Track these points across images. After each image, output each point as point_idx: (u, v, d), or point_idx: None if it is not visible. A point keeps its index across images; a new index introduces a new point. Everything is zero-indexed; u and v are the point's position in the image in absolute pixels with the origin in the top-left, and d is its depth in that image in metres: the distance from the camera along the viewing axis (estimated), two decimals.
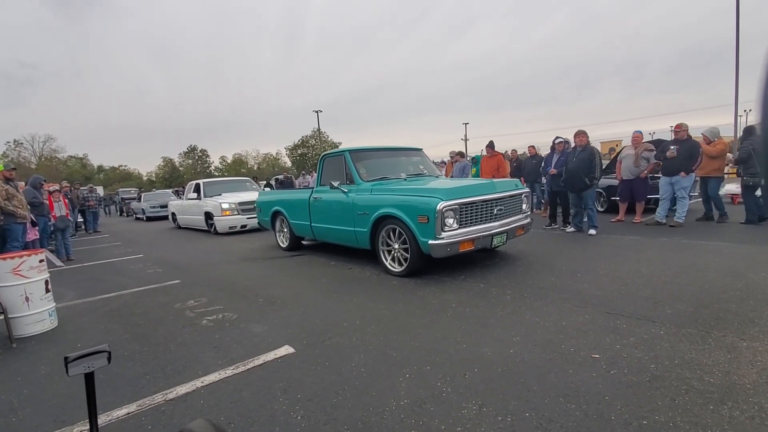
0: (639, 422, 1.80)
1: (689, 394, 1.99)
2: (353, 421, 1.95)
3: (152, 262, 6.79)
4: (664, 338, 2.61)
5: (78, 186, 14.39)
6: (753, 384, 2.03)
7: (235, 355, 2.80)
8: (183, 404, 2.22)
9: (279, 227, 7.15)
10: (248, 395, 2.26)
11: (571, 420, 1.85)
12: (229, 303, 4.04)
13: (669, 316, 2.96)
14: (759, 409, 1.83)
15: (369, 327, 3.15)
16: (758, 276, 3.72)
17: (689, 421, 1.78)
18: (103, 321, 3.79)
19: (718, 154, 6.86)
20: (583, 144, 6.62)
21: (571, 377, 2.22)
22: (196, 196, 10.95)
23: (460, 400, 2.07)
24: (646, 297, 3.38)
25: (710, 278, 3.77)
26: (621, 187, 7.61)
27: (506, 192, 4.81)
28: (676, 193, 6.74)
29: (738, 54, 17.17)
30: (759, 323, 2.72)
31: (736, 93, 17.96)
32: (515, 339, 2.74)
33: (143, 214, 18.02)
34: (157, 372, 2.63)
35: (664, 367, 2.26)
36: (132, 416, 2.13)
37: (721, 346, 2.45)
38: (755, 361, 2.25)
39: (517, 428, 1.82)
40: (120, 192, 29.37)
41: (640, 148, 7.28)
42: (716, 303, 3.13)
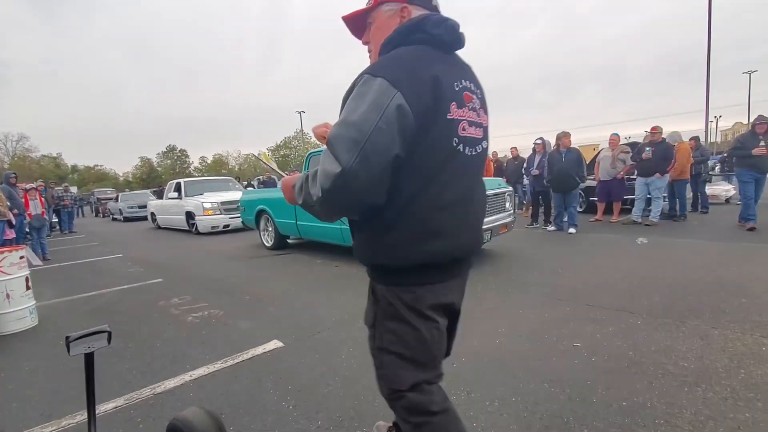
0: (619, 404, 1.89)
1: (665, 377, 2.09)
2: (345, 409, 1.98)
3: (132, 262, 6.65)
4: (641, 327, 2.72)
5: (53, 185, 13.93)
6: (725, 368, 2.15)
7: (223, 350, 2.79)
8: (172, 397, 2.20)
9: (264, 226, 7.10)
10: (239, 387, 2.26)
11: (555, 403, 1.92)
12: (215, 300, 4.01)
13: (646, 307, 3.08)
14: (731, 391, 1.94)
15: (357, 322, 3.17)
16: (728, 270, 3.91)
17: (666, 402, 1.88)
18: (85, 319, 3.70)
19: (680, 157, 7.19)
20: (568, 145, 6.82)
21: (555, 364, 2.30)
22: (177, 195, 10.76)
23: (449, 388, 2.10)
24: (624, 290, 3.51)
25: (684, 273, 3.94)
26: (599, 188, 7.86)
27: (490, 190, 4.92)
28: (651, 194, 7.00)
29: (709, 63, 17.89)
30: (729, 313, 2.87)
31: (707, 99, 18.71)
32: (501, 330, 2.82)
33: (120, 215, 17.58)
34: (144, 367, 2.60)
35: (642, 353, 2.36)
36: (120, 410, 2.11)
37: (694, 334, 2.58)
38: (726, 347, 2.37)
39: (504, 411, 1.89)
40: (95, 192, 28.55)
41: (617, 150, 7.54)
42: (690, 295, 3.28)
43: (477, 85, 1.20)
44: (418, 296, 1.11)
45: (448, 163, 1.08)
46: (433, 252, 1.08)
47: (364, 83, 1.02)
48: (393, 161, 0.99)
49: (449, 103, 1.06)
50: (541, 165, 7.31)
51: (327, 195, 0.98)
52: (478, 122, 1.16)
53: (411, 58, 1.05)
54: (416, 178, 1.05)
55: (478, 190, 1.22)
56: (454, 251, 1.13)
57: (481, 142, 1.19)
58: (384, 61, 1.06)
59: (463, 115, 1.09)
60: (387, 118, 0.96)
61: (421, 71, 1.02)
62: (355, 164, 0.94)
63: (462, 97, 1.10)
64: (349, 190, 0.96)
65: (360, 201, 1.01)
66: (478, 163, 1.19)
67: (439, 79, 1.03)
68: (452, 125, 1.07)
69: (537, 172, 7.40)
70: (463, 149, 1.10)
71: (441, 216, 1.08)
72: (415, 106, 0.99)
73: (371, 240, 1.13)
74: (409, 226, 1.07)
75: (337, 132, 0.99)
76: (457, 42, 1.16)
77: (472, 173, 1.17)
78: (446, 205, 1.09)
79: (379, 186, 1.00)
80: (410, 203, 1.05)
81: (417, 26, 1.11)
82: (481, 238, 1.27)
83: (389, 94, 0.97)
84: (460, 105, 1.09)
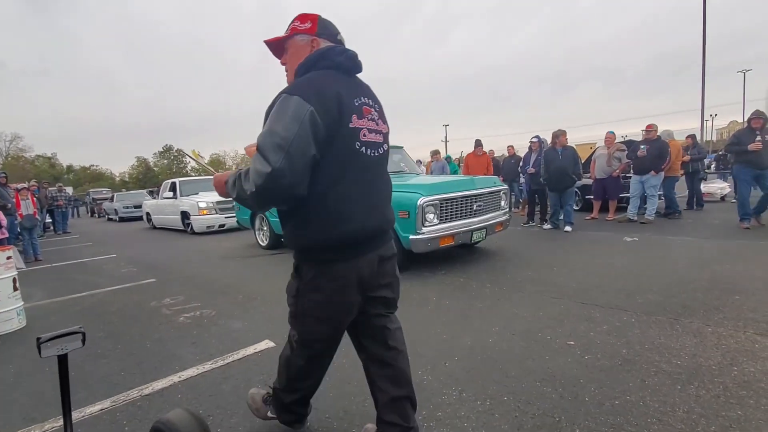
0: (611, 402, 1.87)
1: (658, 375, 2.07)
2: (336, 410, 1.96)
3: (126, 262, 6.60)
4: (635, 325, 2.71)
5: (46, 185, 13.83)
6: (718, 365, 2.14)
7: (213, 350, 2.75)
8: (160, 399, 2.17)
9: (259, 225, 7.06)
10: (227, 388, 2.23)
11: (547, 402, 1.90)
12: (208, 300, 3.97)
13: (640, 305, 3.07)
14: (723, 389, 1.92)
15: None
16: (723, 267, 3.90)
17: (658, 400, 1.86)
18: (75, 320, 3.66)
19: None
20: (564, 143, 6.81)
21: (548, 363, 2.28)
22: (172, 195, 10.71)
23: (440, 387, 2.10)
24: (619, 288, 3.50)
25: (678, 270, 3.93)
26: (595, 186, 7.86)
27: (486, 188, 4.90)
28: (646, 192, 7.01)
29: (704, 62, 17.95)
30: (723, 310, 2.86)
31: (702, 98, 18.77)
32: (494, 329, 2.80)
33: (116, 215, 17.49)
34: (133, 368, 2.57)
35: (635, 351, 2.35)
36: (106, 412, 2.07)
37: (688, 331, 2.57)
38: (720, 345, 2.36)
39: (496, 411, 1.86)
40: (91, 192, 28.35)
41: (613, 149, 7.54)
42: (684, 293, 3.27)
43: (375, 100, 1.49)
44: (336, 270, 1.39)
45: (353, 163, 1.36)
46: (345, 234, 1.35)
47: (283, 101, 1.28)
48: (311, 160, 1.26)
49: (351, 115, 1.34)
50: (537, 163, 7.30)
51: (260, 190, 1.21)
52: (378, 130, 1.45)
53: (319, 80, 1.34)
54: (328, 175, 1.31)
55: (381, 183, 1.51)
56: (362, 233, 1.39)
57: (382, 146, 1.48)
58: (298, 83, 1.35)
59: (363, 124, 1.38)
60: (304, 127, 1.23)
61: (327, 90, 1.30)
62: (282, 164, 1.19)
63: (361, 110, 1.38)
64: (278, 185, 1.20)
65: (288, 194, 1.25)
66: (381, 162, 1.49)
67: (341, 96, 1.31)
68: (354, 132, 1.35)
69: (533, 171, 7.39)
70: (365, 151, 1.39)
71: (350, 204, 1.35)
72: (324, 117, 1.26)
73: (297, 227, 1.40)
74: (325, 214, 1.33)
75: (266, 140, 1.23)
76: (356, 67, 1.47)
77: (375, 170, 1.46)
78: (353, 196, 1.36)
79: (302, 181, 1.25)
80: (325, 195, 1.32)
81: (324, 55, 1.40)
82: (386, 222, 1.52)
83: (304, 108, 1.24)
84: (360, 116, 1.37)
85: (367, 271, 1.43)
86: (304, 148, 1.22)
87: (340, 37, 1.50)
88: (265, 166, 1.19)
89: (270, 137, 1.22)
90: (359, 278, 1.42)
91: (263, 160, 1.20)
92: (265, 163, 1.19)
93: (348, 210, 1.35)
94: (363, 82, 1.52)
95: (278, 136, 1.21)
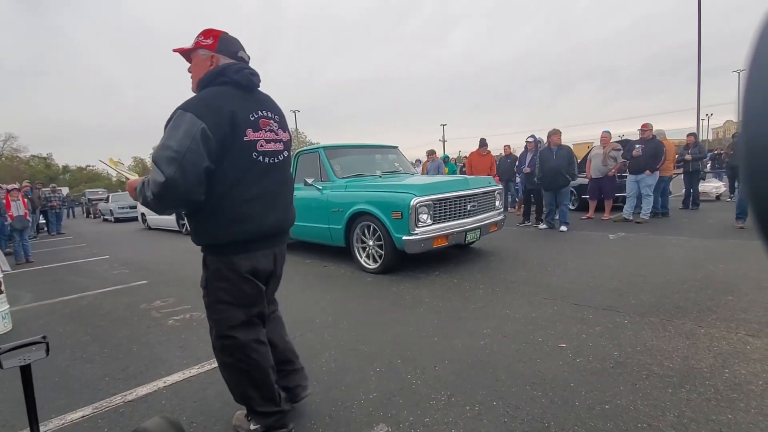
0: (602, 407, 1.84)
1: (650, 378, 2.05)
2: (321, 416, 1.92)
3: (119, 263, 6.54)
4: (628, 327, 2.68)
5: (39, 186, 13.72)
6: (709, 368, 2.11)
7: (201, 353, 2.71)
8: (143, 405, 2.13)
9: None
10: (212, 394, 2.18)
11: (536, 407, 1.87)
12: (198, 302, 3.88)
13: (633, 306, 3.04)
14: (715, 392, 1.90)
15: (341, 323, 3.11)
16: (716, 267, 3.88)
17: (649, 404, 1.83)
18: (62, 323, 3.61)
19: None
20: (559, 142, 6.78)
21: (539, 366, 2.25)
22: None
23: (429, 392, 2.07)
24: (613, 289, 3.47)
25: (672, 270, 3.91)
26: (590, 186, 7.84)
27: (480, 188, 4.86)
28: (641, 191, 6.99)
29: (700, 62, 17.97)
30: (716, 311, 2.84)
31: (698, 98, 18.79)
32: (486, 331, 2.76)
33: (111, 216, 17.39)
34: (118, 373, 2.52)
35: (627, 354, 2.32)
36: (87, 419, 2.03)
37: (680, 333, 2.54)
38: (712, 347, 2.34)
39: (485, 416, 1.83)
40: (86, 193, 28.19)
41: (608, 148, 7.52)
42: (677, 293, 3.25)
43: (275, 111, 1.66)
44: (235, 262, 1.57)
45: (251, 170, 1.53)
46: (243, 232, 1.54)
47: (178, 117, 1.42)
48: (205, 170, 1.42)
49: (245, 129, 1.51)
50: (533, 163, 7.28)
51: (157, 196, 1.39)
52: (277, 139, 1.63)
53: (214, 97, 1.48)
54: (225, 181, 1.49)
55: (281, 186, 1.68)
56: (260, 230, 1.58)
57: (282, 153, 1.66)
58: (193, 100, 1.47)
59: (260, 136, 1.55)
60: (195, 141, 1.38)
61: (220, 107, 1.45)
62: (175, 175, 1.35)
63: (258, 124, 1.55)
64: (173, 192, 1.37)
65: (182, 200, 1.43)
66: (281, 167, 1.67)
67: (235, 113, 1.48)
68: (250, 144, 1.52)
69: (528, 170, 7.36)
70: (263, 159, 1.57)
71: (247, 206, 1.53)
72: (216, 132, 1.42)
73: (200, 226, 1.58)
74: (223, 215, 1.51)
75: (160, 153, 1.38)
76: (252, 85, 1.59)
77: (274, 175, 1.63)
78: (251, 198, 1.54)
79: (196, 189, 1.42)
80: (222, 199, 1.50)
81: (221, 72, 1.54)
82: (285, 221, 1.72)
83: (197, 124, 1.39)
84: (256, 129, 1.54)
85: (264, 263, 1.64)
86: (197, 160, 1.39)
87: (241, 54, 1.63)
88: (160, 176, 1.36)
89: (164, 151, 1.38)
90: (258, 269, 1.62)
91: (158, 171, 1.37)
92: (160, 174, 1.36)
93: (245, 211, 1.53)
94: (264, 95, 1.68)
95: (171, 150, 1.36)
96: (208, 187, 1.46)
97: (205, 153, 1.40)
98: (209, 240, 1.58)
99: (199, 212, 1.54)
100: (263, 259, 1.63)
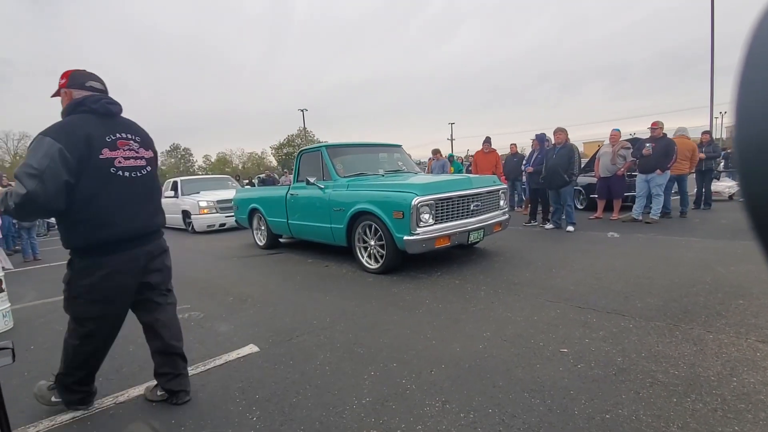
0: (602, 416, 1.77)
1: (654, 387, 1.97)
2: (311, 421, 1.87)
3: None
4: (632, 331, 2.59)
5: None
6: (717, 376, 2.02)
7: (195, 355, 2.69)
8: (133, 407, 2.10)
9: (256, 225, 7.01)
10: (204, 396, 2.15)
11: (534, 415, 1.80)
12: (198, 302, 3.91)
13: (639, 309, 2.95)
14: (722, 401, 1.81)
15: (339, 324, 3.07)
16: (727, 270, 3.76)
17: (652, 414, 1.75)
18: (62, 322, 3.56)
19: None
20: (562, 141, 6.64)
21: (538, 372, 2.17)
22: (174, 194, 10.70)
23: (423, 397, 2.01)
24: (618, 291, 3.37)
25: (681, 272, 3.79)
26: (599, 185, 7.69)
27: (483, 188, 4.78)
28: (651, 191, 6.83)
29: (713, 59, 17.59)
30: (726, 316, 2.74)
31: (711, 95, 18.41)
32: (485, 335, 2.70)
33: None
34: (111, 374, 2.51)
35: (631, 360, 2.24)
36: (76, 421, 2.01)
37: (687, 338, 2.45)
38: (720, 353, 2.24)
39: (479, 424, 1.77)
40: None
41: (617, 146, 7.36)
42: (686, 296, 3.15)
43: (136, 134, 1.99)
44: (98, 262, 1.84)
45: (110, 183, 1.82)
46: (105, 236, 1.82)
47: (38, 141, 1.69)
48: (65, 184, 1.69)
49: (101, 149, 1.80)
50: (537, 161, 7.16)
51: (18, 207, 1.65)
52: (138, 156, 1.95)
53: (71, 123, 1.79)
54: (85, 193, 1.76)
55: (144, 196, 1.98)
56: (124, 235, 1.87)
57: (145, 167, 1.99)
58: (53, 126, 1.76)
59: (117, 154, 1.85)
60: (54, 160, 1.65)
61: (76, 131, 1.75)
62: (36, 188, 1.62)
63: (115, 144, 1.86)
64: (32, 203, 1.63)
65: (44, 209, 1.71)
66: (144, 180, 1.98)
67: (91, 135, 1.77)
68: (107, 161, 1.81)
69: (531, 170, 7.24)
70: (123, 174, 1.87)
71: (106, 214, 1.81)
72: (73, 152, 1.70)
73: (66, 231, 1.84)
74: (87, 221, 1.79)
75: (23, 170, 1.64)
76: (109, 112, 1.91)
77: (135, 188, 1.93)
78: (111, 207, 1.82)
79: (55, 200, 1.67)
80: (85, 207, 1.77)
81: (80, 103, 1.85)
82: (150, 225, 2.02)
83: (54, 146, 1.66)
84: (113, 149, 1.84)
85: (132, 263, 1.91)
86: (55, 176, 1.64)
87: (90, 84, 1.92)
88: (22, 189, 1.62)
89: (25, 168, 1.64)
90: (124, 269, 1.89)
91: (20, 185, 1.62)
92: (22, 187, 1.62)
93: (107, 218, 1.81)
94: (126, 120, 2.00)
95: (32, 168, 1.63)
96: (71, 197, 1.72)
97: (65, 170, 1.67)
98: (74, 243, 1.84)
99: (65, 219, 1.80)
100: (132, 260, 1.91)
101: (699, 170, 8.05)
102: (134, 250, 1.92)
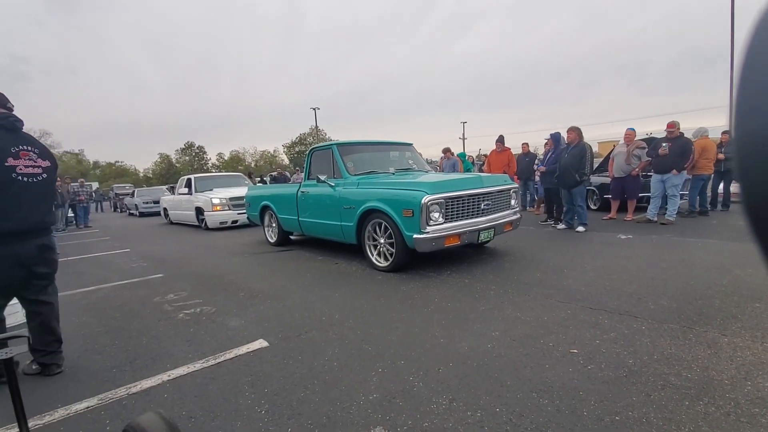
0: (611, 418, 1.74)
1: (665, 389, 1.93)
2: (318, 416, 1.89)
3: (138, 257, 6.70)
4: (645, 333, 2.55)
5: (68, 180, 14.24)
6: (731, 380, 1.98)
7: (207, 348, 2.73)
8: (145, 398, 2.15)
9: (267, 222, 7.07)
10: (214, 389, 2.19)
11: (542, 415, 1.79)
12: (209, 297, 3.97)
13: (652, 311, 2.90)
14: (735, 405, 1.78)
15: (348, 321, 3.08)
16: (744, 272, 3.67)
17: (663, 417, 1.73)
18: (78, 314, 3.70)
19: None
20: (574, 140, 6.55)
21: (547, 372, 2.16)
22: (187, 191, 10.85)
23: (430, 395, 2.01)
24: (631, 293, 3.32)
25: (696, 274, 3.72)
26: (613, 185, 7.57)
27: (494, 187, 4.75)
28: (667, 191, 6.70)
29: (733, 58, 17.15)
30: (742, 319, 2.67)
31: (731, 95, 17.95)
32: (494, 334, 2.68)
33: (136, 210, 17.90)
34: (125, 365, 2.56)
35: (642, 362, 2.20)
36: (91, 410, 2.06)
37: (701, 341, 2.40)
38: (735, 357, 2.19)
39: (486, 423, 1.76)
40: (114, 188, 29.16)
41: (632, 146, 7.24)
42: (700, 299, 3.08)
43: (35, 146, 2.42)
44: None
45: (10, 186, 2.22)
46: (6, 229, 2.20)
47: None
48: None
49: (6, 158, 2.22)
50: (549, 161, 7.08)
51: None
52: (36, 165, 2.37)
53: None
54: None
55: (39, 198, 2.38)
56: (18, 229, 2.25)
57: (41, 174, 2.39)
58: None
59: (19, 162, 2.27)
60: None
61: None
62: None
63: (18, 154, 2.28)
64: None
65: None
66: (41, 185, 2.39)
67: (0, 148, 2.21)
68: (10, 168, 2.23)
69: (543, 169, 7.16)
70: (22, 179, 2.27)
71: (6, 211, 2.20)
72: None
73: None
74: None
75: None
76: (14, 127, 2.34)
77: (33, 191, 2.33)
78: (9, 206, 2.21)
79: None
80: None
81: None
82: (41, 223, 2.40)
83: None
84: (16, 158, 2.26)
85: (23, 253, 2.29)
86: None
87: (9, 105, 2.36)
88: None
89: None
90: (15, 258, 2.26)
91: None
92: None
93: (5, 214, 2.19)
94: (28, 135, 2.44)
95: None
96: None
97: None
98: None
99: None
100: (23, 251, 2.29)
101: (718, 171, 7.87)
102: (26, 243, 2.29)
